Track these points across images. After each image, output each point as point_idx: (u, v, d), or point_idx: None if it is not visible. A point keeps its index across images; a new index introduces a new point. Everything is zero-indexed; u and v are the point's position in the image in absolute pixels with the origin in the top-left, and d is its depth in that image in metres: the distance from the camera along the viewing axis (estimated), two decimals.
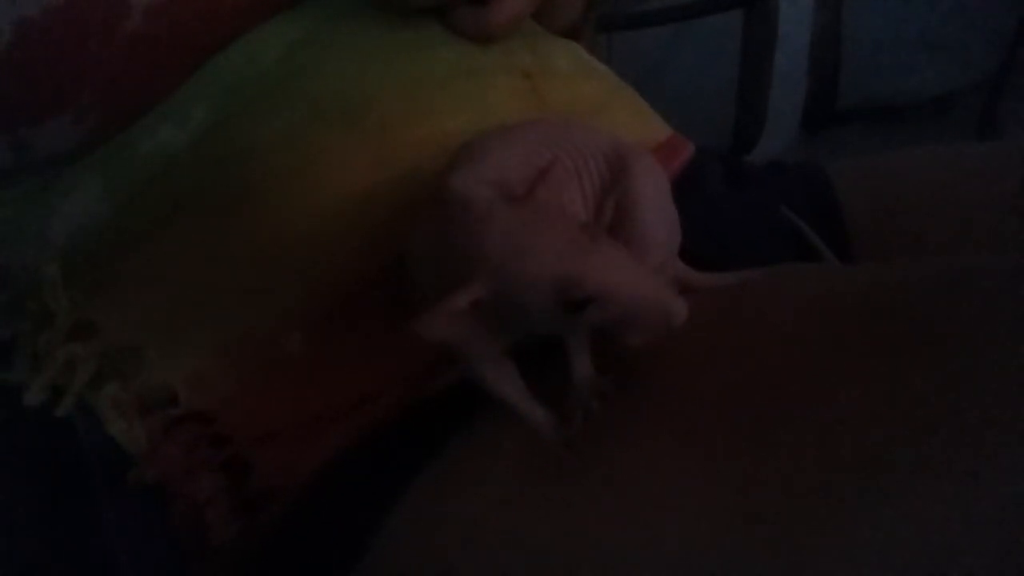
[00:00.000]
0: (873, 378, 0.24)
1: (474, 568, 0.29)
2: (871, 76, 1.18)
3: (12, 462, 0.46)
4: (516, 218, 0.26)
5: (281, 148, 0.34)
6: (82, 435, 0.44)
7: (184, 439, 0.35)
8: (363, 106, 0.35)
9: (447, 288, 0.25)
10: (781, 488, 0.23)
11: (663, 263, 0.33)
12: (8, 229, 0.37)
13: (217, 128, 0.35)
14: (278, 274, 0.34)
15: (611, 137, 0.33)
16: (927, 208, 0.42)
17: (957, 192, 0.42)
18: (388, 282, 0.34)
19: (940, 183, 0.43)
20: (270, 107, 0.35)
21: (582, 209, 0.31)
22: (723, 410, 0.26)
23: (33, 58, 0.31)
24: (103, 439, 0.35)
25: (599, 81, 0.44)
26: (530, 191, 0.27)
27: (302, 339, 0.34)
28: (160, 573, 0.45)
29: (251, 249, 0.34)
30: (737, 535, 0.24)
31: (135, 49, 0.33)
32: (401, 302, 0.34)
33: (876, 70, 1.17)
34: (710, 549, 0.24)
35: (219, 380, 0.34)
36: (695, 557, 0.24)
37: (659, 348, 0.30)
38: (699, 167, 0.45)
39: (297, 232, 0.34)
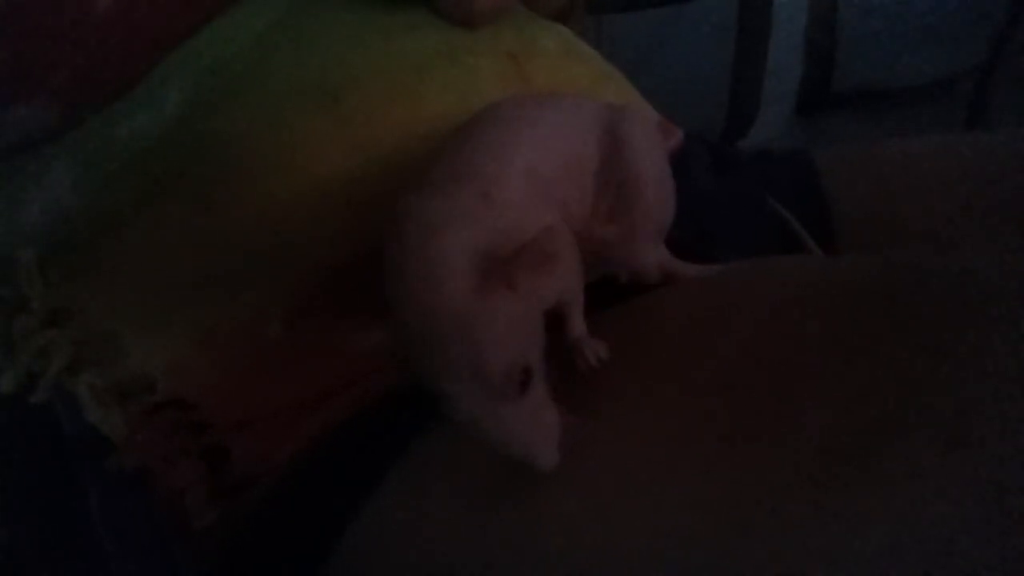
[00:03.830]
0: (857, 370, 0.24)
1: (452, 556, 0.29)
2: (866, 61, 1.17)
3: None
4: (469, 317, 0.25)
5: (258, 131, 0.34)
6: (64, 421, 0.44)
7: (163, 426, 0.34)
8: (342, 89, 0.35)
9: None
10: (769, 478, 0.23)
11: (658, 234, 0.33)
12: None
13: (193, 112, 0.34)
14: (257, 259, 0.34)
15: (603, 108, 0.33)
16: (912, 197, 0.42)
17: (941, 180, 0.42)
18: (369, 266, 0.33)
19: (925, 172, 0.42)
20: (247, 90, 0.34)
21: (581, 202, 0.31)
22: (708, 402, 0.26)
23: (3, 39, 0.31)
24: (85, 425, 0.35)
25: (587, 64, 0.43)
26: (508, 273, 0.25)
27: (282, 325, 0.33)
28: (144, 556, 0.45)
29: (229, 234, 0.34)
30: (725, 526, 0.23)
31: (108, 30, 0.32)
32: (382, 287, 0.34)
33: (871, 55, 1.16)
34: (698, 540, 0.24)
35: (197, 366, 0.34)
36: (683, 548, 0.24)
37: (643, 341, 0.30)
38: (686, 154, 0.44)
39: (275, 216, 0.33)
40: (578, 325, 0.30)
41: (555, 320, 0.29)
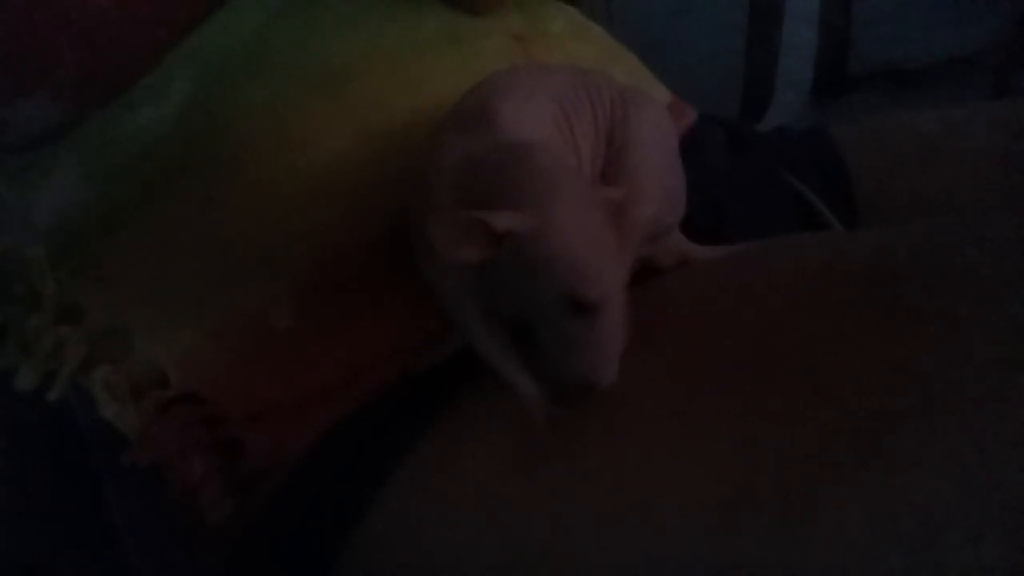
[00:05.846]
0: (873, 348, 0.23)
1: (451, 545, 0.28)
2: (883, 40, 1.15)
3: (11, 445, 0.46)
4: (585, 191, 0.26)
5: (263, 121, 0.34)
6: (79, 417, 0.44)
7: (177, 420, 0.34)
8: (345, 75, 0.34)
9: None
10: (777, 461, 0.23)
11: (659, 220, 0.32)
12: None
13: (198, 103, 0.34)
14: (265, 249, 0.33)
15: (622, 85, 0.33)
16: (932, 170, 0.41)
17: (961, 153, 0.41)
18: (377, 254, 0.33)
19: (943, 142, 0.41)
20: (251, 80, 0.34)
21: (590, 151, 0.31)
22: (718, 384, 0.26)
23: (5, 31, 0.31)
24: (99, 421, 0.35)
25: (595, 44, 0.43)
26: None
27: (291, 314, 0.33)
28: (160, 551, 0.45)
29: (237, 224, 0.33)
30: (734, 510, 0.23)
31: (110, 23, 0.32)
32: (391, 274, 0.33)
33: (888, 33, 1.14)
34: (706, 526, 0.23)
35: (209, 359, 0.33)
36: (691, 535, 0.24)
37: (660, 322, 0.30)
38: (700, 133, 0.43)
39: (282, 205, 0.33)
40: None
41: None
